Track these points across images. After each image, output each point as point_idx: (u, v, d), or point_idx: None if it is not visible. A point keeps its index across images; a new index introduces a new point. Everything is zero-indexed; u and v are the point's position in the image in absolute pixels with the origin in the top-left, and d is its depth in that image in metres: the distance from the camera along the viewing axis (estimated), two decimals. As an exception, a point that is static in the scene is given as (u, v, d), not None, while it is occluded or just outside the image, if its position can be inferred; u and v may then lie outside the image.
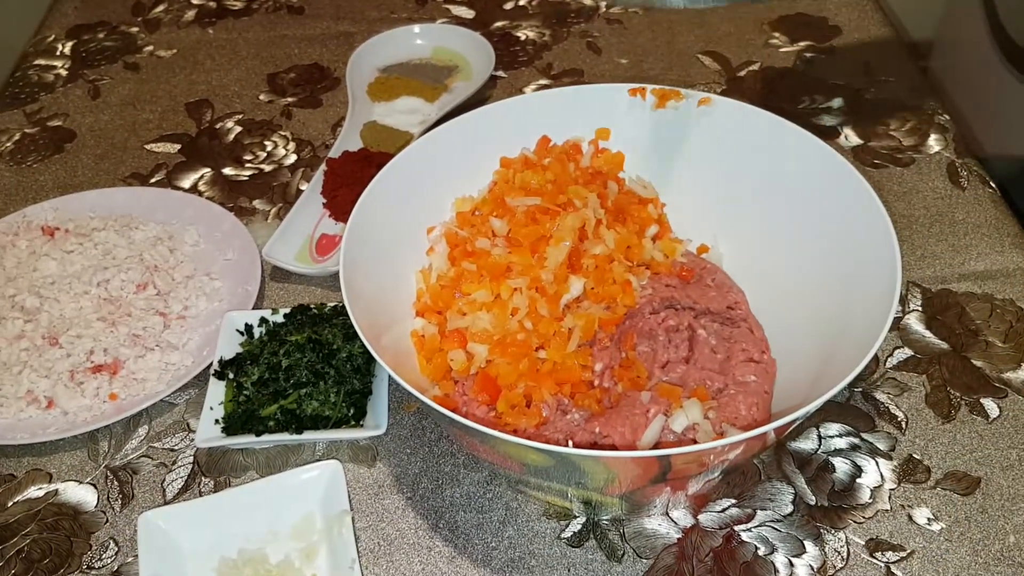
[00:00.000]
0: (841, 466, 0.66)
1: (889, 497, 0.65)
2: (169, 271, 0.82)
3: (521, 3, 1.19)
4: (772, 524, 0.63)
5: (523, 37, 1.13)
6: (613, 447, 0.59)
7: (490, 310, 0.63)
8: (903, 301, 0.78)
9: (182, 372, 0.74)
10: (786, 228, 0.68)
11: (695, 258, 0.73)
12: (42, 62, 1.16)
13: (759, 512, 0.64)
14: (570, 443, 0.60)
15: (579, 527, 0.64)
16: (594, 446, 0.59)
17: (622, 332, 0.67)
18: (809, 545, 0.62)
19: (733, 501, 0.65)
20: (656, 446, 0.59)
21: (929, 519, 0.63)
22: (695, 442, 0.59)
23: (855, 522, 0.63)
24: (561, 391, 0.63)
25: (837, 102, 0.98)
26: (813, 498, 0.65)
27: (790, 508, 0.64)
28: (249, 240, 0.84)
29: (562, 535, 0.64)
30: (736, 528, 0.63)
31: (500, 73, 1.07)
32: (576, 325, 0.64)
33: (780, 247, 0.69)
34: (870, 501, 0.64)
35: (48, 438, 0.70)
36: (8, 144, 1.03)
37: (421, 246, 0.71)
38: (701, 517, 0.64)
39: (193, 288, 0.81)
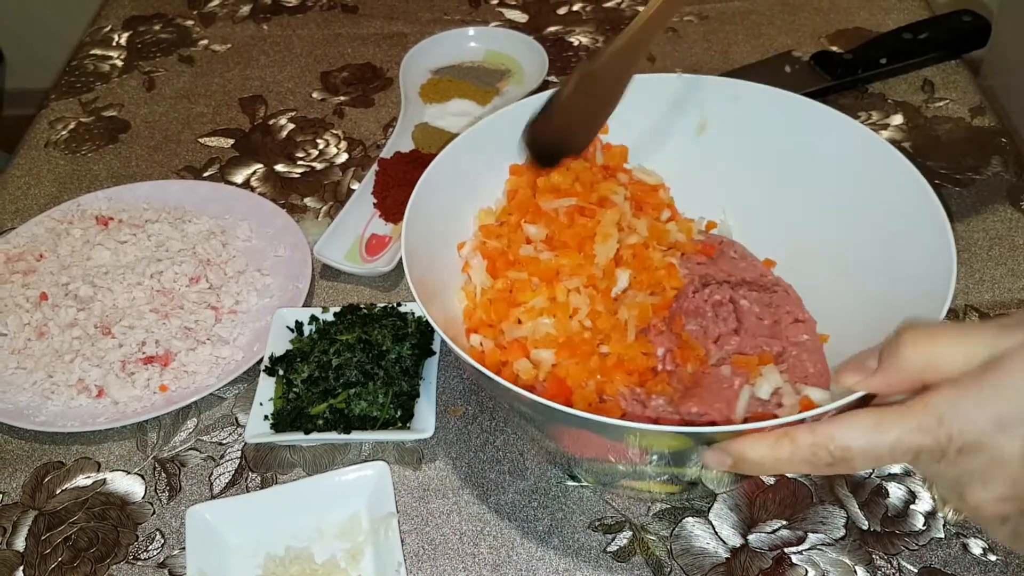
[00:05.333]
0: (895, 491, 0.65)
1: (943, 525, 0.63)
2: (221, 265, 0.83)
3: (575, 8, 1.19)
4: (823, 547, 0.62)
5: (576, 43, 1.13)
6: (713, 423, 0.59)
7: (551, 315, 0.63)
8: (960, 325, 0.76)
9: (232, 366, 0.75)
10: (826, 223, 0.69)
11: (708, 234, 0.75)
12: (98, 52, 1.17)
13: (810, 535, 0.63)
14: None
15: (625, 541, 0.64)
16: (693, 425, 0.59)
17: (671, 315, 0.67)
18: (860, 571, 0.61)
19: (784, 522, 0.64)
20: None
21: (984, 550, 0.62)
22: (781, 405, 0.59)
23: (908, 549, 0.62)
24: (631, 381, 0.63)
25: (896, 119, 0.97)
26: (866, 523, 0.64)
27: (842, 532, 0.63)
28: (300, 237, 0.85)
29: (608, 548, 0.64)
30: (787, 550, 0.62)
31: (552, 78, 1.06)
32: (630, 315, 0.64)
33: (822, 239, 0.69)
34: (924, 528, 0.63)
35: (98, 427, 0.71)
36: (64, 133, 1.04)
37: (455, 264, 0.70)
38: (751, 537, 0.63)
39: (244, 283, 0.82)
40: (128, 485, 0.70)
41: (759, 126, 0.71)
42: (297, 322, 0.76)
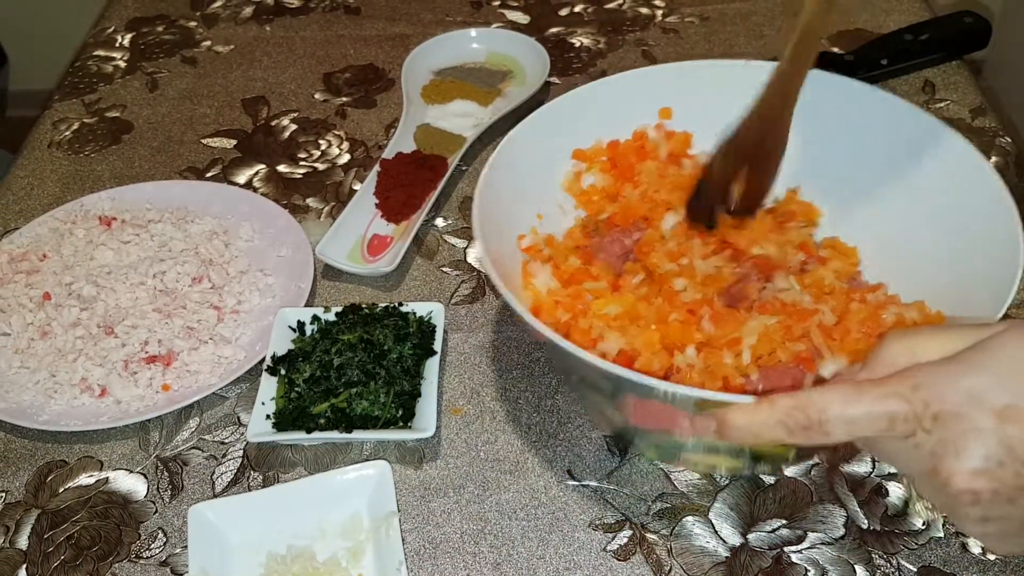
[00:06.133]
0: (895, 490, 0.65)
1: (943, 525, 0.63)
2: (224, 265, 0.83)
3: (576, 10, 1.19)
4: (823, 546, 0.63)
5: (578, 44, 1.13)
6: None
7: (622, 329, 0.63)
8: (960, 325, 0.77)
9: (234, 366, 0.75)
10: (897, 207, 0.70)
11: None
12: (101, 53, 1.17)
13: (810, 534, 0.63)
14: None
15: (625, 540, 0.64)
16: None
17: None
18: (860, 570, 0.61)
19: (784, 521, 0.64)
20: None
21: (984, 549, 0.62)
22: None
23: (908, 548, 0.62)
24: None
25: (897, 120, 0.97)
26: (865, 522, 0.64)
27: (842, 531, 0.63)
28: (303, 238, 0.85)
29: (608, 547, 0.64)
30: (786, 549, 0.62)
31: (554, 79, 1.06)
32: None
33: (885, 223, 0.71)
34: (923, 528, 0.63)
35: (100, 426, 0.71)
36: (67, 133, 1.04)
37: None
38: (751, 536, 0.63)
39: (247, 283, 0.82)
40: (131, 484, 0.70)
41: (823, 112, 0.71)
42: (299, 322, 0.77)
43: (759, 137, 0.67)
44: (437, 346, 0.74)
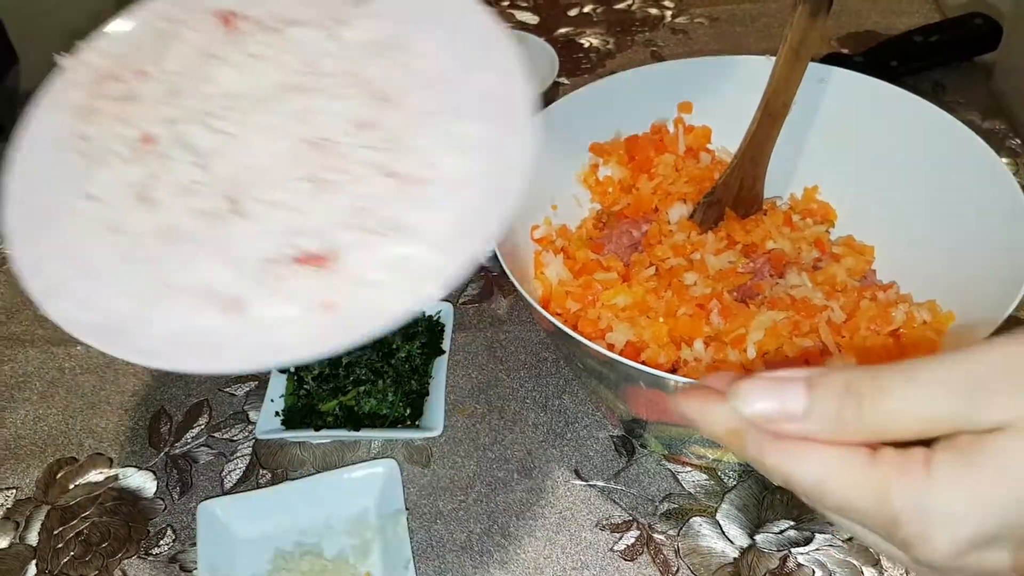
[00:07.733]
0: (902, 493, 0.65)
1: (951, 527, 0.63)
2: (400, 100, 0.51)
3: (585, 10, 1.19)
4: (830, 548, 0.63)
5: (587, 44, 1.13)
6: None
7: (631, 320, 0.64)
8: (969, 327, 0.76)
9: (426, 274, 0.43)
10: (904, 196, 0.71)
11: None
12: (112, 52, 1.18)
13: (817, 535, 0.63)
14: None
15: (632, 540, 0.64)
16: None
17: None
18: (868, 572, 0.61)
19: (791, 523, 0.64)
20: None
21: None
22: None
23: (915, 551, 0.62)
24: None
25: (906, 122, 0.97)
26: (873, 524, 0.64)
27: (849, 533, 0.63)
28: (513, 60, 0.50)
29: (615, 547, 0.64)
30: (793, 551, 0.62)
31: (563, 80, 1.06)
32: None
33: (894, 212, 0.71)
34: (931, 530, 0.63)
35: (230, 368, 0.41)
36: (78, 132, 1.04)
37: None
38: (758, 537, 0.63)
39: (436, 133, 0.49)
40: (140, 481, 0.70)
41: (844, 109, 0.72)
42: (308, 320, 0.77)
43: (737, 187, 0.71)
44: (446, 345, 0.74)
